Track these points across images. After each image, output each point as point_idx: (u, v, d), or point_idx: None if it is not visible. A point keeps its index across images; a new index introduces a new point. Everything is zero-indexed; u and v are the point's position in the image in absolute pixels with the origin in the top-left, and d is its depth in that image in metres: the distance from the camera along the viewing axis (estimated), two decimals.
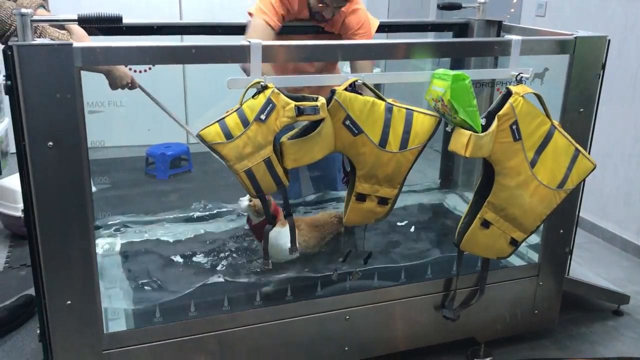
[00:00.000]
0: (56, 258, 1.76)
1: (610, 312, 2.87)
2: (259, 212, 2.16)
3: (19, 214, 3.36)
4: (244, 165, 1.78)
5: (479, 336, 2.45)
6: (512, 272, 2.44)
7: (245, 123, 1.76)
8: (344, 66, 2.99)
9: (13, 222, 3.45)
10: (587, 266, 3.25)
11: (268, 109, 1.76)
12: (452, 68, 2.29)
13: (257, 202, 2.13)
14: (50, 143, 1.65)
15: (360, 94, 1.91)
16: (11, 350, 2.10)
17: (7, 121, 4.60)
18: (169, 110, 2.45)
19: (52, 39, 1.71)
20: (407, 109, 1.96)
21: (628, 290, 2.93)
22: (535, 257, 2.48)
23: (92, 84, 1.96)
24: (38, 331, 1.89)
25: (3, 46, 1.71)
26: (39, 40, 1.62)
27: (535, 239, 2.47)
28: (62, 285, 1.79)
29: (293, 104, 1.76)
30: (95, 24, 1.65)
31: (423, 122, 1.98)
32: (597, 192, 3.67)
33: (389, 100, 1.95)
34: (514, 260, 2.51)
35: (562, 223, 2.41)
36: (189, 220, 2.64)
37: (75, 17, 1.66)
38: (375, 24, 2.61)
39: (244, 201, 2.18)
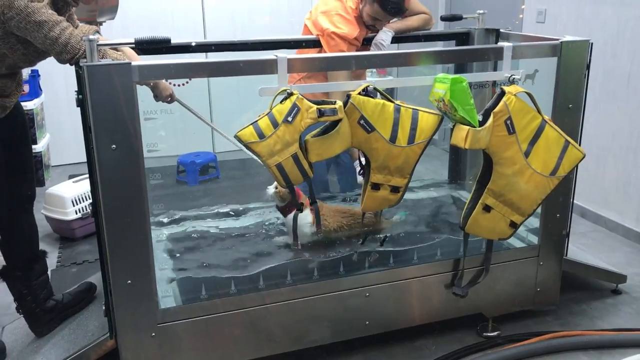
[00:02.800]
0: (119, 243, 2.08)
1: (609, 291, 3.12)
2: (283, 197, 2.52)
3: (67, 218, 3.72)
4: (275, 160, 2.10)
5: (486, 312, 2.72)
6: (515, 253, 2.71)
7: (275, 124, 2.08)
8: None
9: (62, 226, 3.79)
10: (590, 252, 3.50)
11: (294, 112, 2.08)
12: (455, 72, 2.60)
13: (281, 189, 2.46)
14: (114, 146, 1.98)
15: (373, 97, 2.22)
16: (77, 328, 2.43)
17: (48, 137, 5.01)
18: (208, 121, 2.76)
19: (112, 59, 2.04)
20: (413, 109, 2.26)
21: (628, 272, 3.17)
22: (535, 239, 2.75)
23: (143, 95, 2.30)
24: (103, 307, 2.22)
25: (73, 66, 2.04)
26: (103, 61, 1.96)
27: (534, 222, 2.75)
28: (124, 267, 2.11)
29: (315, 107, 2.08)
30: (149, 46, 1.98)
31: (427, 120, 2.28)
32: (599, 184, 3.92)
33: (397, 102, 2.26)
34: (516, 243, 2.79)
35: (558, 208, 2.68)
36: (224, 215, 2.97)
37: (132, 41, 1.99)
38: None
39: (271, 189, 2.52)
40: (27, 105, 4.58)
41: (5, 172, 2.27)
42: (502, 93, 2.31)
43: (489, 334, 2.72)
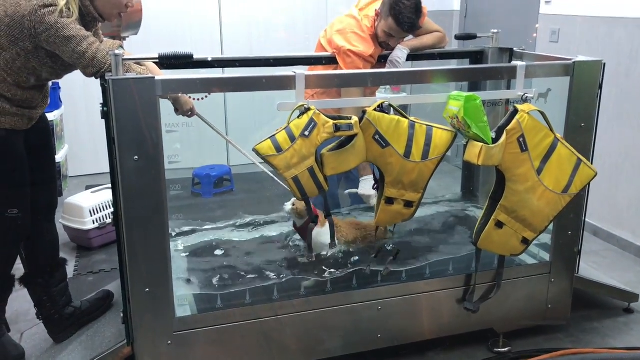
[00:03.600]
0: (138, 252, 2.14)
1: (621, 310, 3.12)
2: (300, 214, 2.54)
3: (85, 227, 3.79)
4: (291, 173, 2.16)
5: (497, 327, 2.74)
6: (526, 270, 2.74)
7: (292, 138, 2.14)
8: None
9: (79, 235, 3.86)
10: (602, 270, 3.50)
11: (311, 126, 2.13)
12: (469, 90, 2.65)
13: (299, 205, 2.50)
14: (136, 157, 2.04)
15: (388, 113, 2.27)
16: (94, 335, 2.48)
17: (67, 148, 5.11)
18: (226, 136, 2.83)
19: (136, 74, 2.11)
20: (427, 125, 2.31)
21: None
22: (546, 256, 2.78)
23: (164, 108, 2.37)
24: (121, 315, 2.27)
25: (93, 79, 2.12)
26: (128, 75, 2.03)
27: (546, 239, 2.78)
28: (143, 275, 2.16)
29: (331, 122, 2.13)
30: (172, 62, 2.05)
31: (441, 136, 2.32)
32: (612, 203, 3.94)
33: (412, 118, 2.31)
34: (528, 259, 2.81)
35: (570, 225, 2.70)
36: (240, 227, 3.02)
37: (156, 56, 2.06)
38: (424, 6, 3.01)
39: (288, 205, 2.56)
40: (48, 116, 4.64)
41: (29, 181, 2.34)
42: (515, 111, 2.36)
43: (499, 350, 2.74)
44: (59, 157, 4.80)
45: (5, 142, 2.23)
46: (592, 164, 2.60)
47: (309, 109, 2.14)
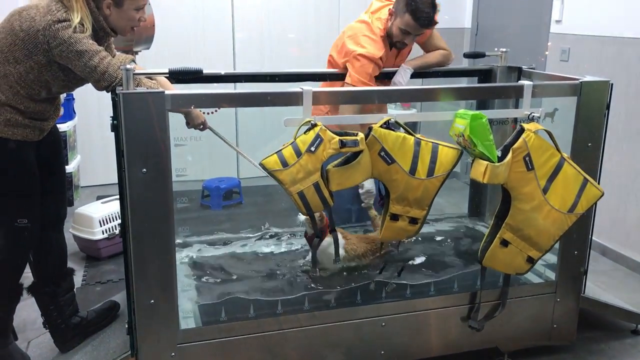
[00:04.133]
0: (144, 264, 2.16)
1: (628, 331, 3.10)
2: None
3: (94, 237, 3.83)
4: (297, 188, 2.18)
5: (502, 346, 2.73)
6: (531, 289, 2.73)
7: (298, 154, 2.16)
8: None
9: (88, 245, 3.90)
10: (609, 291, 3.47)
11: (317, 142, 2.15)
12: (477, 108, 2.66)
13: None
14: (144, 170, 2.07)
15: (394, 130, 2.29)
16: (99, 345, 2.50)
17: (79, 158, 5.17)
18: (239, 149, 2.85)
19: (147, 88, 2.15)
20: (433, 142, 2.33)
21: None
22: (552, 275, 2.77)
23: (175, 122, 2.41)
24: (126, 325, 2.29)
25: (107, 92, 2.16)
26: (138, 89, 2.06)
27: (552, 258, 2.77)
28: (148, 287, 2.18)
29: (337, 138, 2.15)
30: (182, 77, 2.08)
31: (447, 153, 2.34)
32: (620, 223, 3.91)
33: (418, 136, 2.32)
34: (533, 278, 2.80)
35: (576, 245, 2.70)
36: (247, 239, 3.05)
37: (167, 71, 2.10)
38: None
39: (302, 215, 2.57)
40: (61, 127, 4.73)
41: (39, 191, 2.38)
42: (522, 130, 2.37)
43: None
44: (71, 167, 4.88)
45: (16, 153, 2.27)
46: (599, 183, 2.60)
47: (315, 125, 2.17)
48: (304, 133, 2.19)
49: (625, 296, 3.44)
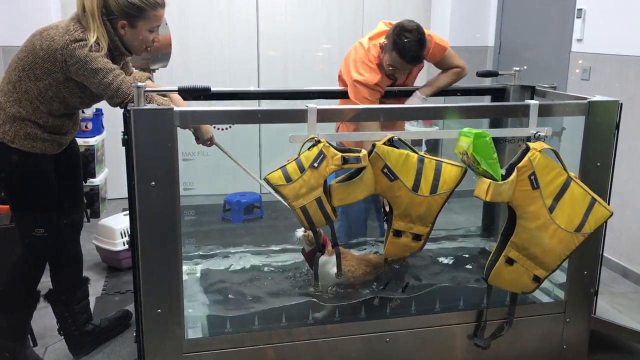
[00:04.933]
0: (151, 274, 2.24)
1: None
2: (311, 241, 2.59)
3: (116, 249, 3.94)
4: (299, 203, 2.23)
5: None
6: (540, 308, 2.71)
7: (302, 169, 2.22)
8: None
9: (110, 256, 4.01)
10: (628, 313, 3.41)
11: (320, 158, 2.21)
12: (491, 127, 2.67)
13: (310, 232, 2.56)
14: (153, 183, 2.16)
15: (397, 147, 2.33)
16: (111, 353, 2.58)
17: (107, 171, 5.33)
18: (243, 165, 2.92)
19: (158, 104, 2.24)
20: (437, 160, 2.36)
21: None
22: (561, 294, 2.75)
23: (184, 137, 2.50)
24: (134, 334, 2.36)
25: (122, 110, 2.25)
26: (149, 106, 2.15)
27: (561, 277, 2.75)
28: (155, 296, 2.25)
29: (340, 154, 2.20)
30: (190, 94, 2.17)
31: (451, 171, 2.36)
32: None
33: (421, 153, 2.36)
34: (542, 297, 2.79)
35: (586, 265, 2.68)
36: (260, 253, 3.11)
37: (176, 88, 2.19)
38: (445, 41, 3.08)
39: (299, 232, 2.62)
40: (89, 141, 4.92)
41: (57, 203, 2.49)
42: (527, 149, 2.38)
43: None
44: (98, 180, 5.03)
45: (36, 166, 2.38)
46: (609, 203, 2.58)
47: (319, 142, 2.22)
48: (308, 149, 2.24)
49: None
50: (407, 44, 2.78)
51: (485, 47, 5.56)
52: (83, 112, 4.92)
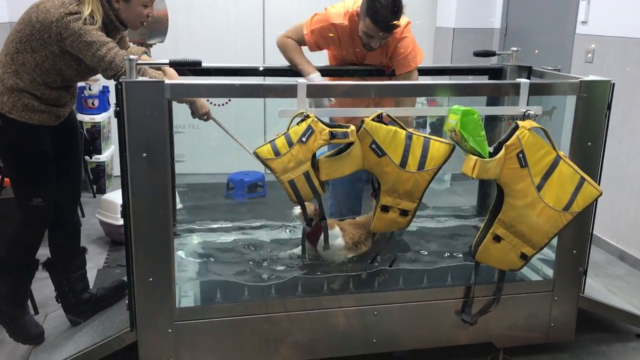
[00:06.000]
0: (143, 243, 2.30)
1: (634, 335, 3.06)
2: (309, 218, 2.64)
3: (118, 223, 4.01)
4: (287, 177, 2.27)
5: (496, 342, 2.75)
6: (528, 286, 2.74)
7: (290, 144, 2.25)
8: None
9: (113, 230, 4.08)
10: (622, 295, 3.43)
11: (308, 133, 2.24)
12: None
13: (307, 209, 2.60)
14: (145, 154, 2.21)
15: (386, 124, 2.35)
16: (106, 320, 2.66)
17: (113, 148, 5.40)
18: (240, 141, 2.95)
19: (150, 78, 2.28)
20: (424, 137, 2.38)
21: None
22: (550, 273, 2.77)
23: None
24: (126, 301, 2.43)
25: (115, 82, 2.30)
26: (140, 78, 2.20)
27: (550, 255, 2.77)
28: (146, 265, 2.32)
29: (328, 129, 2.24)
30: (181, 67, 2.21)
31: (439, 148, 2.38)
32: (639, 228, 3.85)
33: (410, 130, 2.38)
34: (531, 275, 2.81)
35: (574, 244, 2.69)
36: (255, 228, 3.17)
37: (167, 61, 2.23)
38: (421, 54, 2.99)
39: (297, 209, 2.66)
40: (96, 118, 4.99)
41: (55, 173, 2.55)
42: (516, 127, 2.39)
43: None
44: (104, 157, 5.11)
45: (33, 137, 2.44)
46: (599, 183, 2.60)
47: (308, 117, 2.26)
48: (297, 124, 2.28)
49: (638, 300, 3.39)
50: (380, 9, 2.69)
51: (492, 29, 5.53)
52: (90, 88, 5.00)
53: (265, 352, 2.53)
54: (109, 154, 5.30)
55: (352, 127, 2.27)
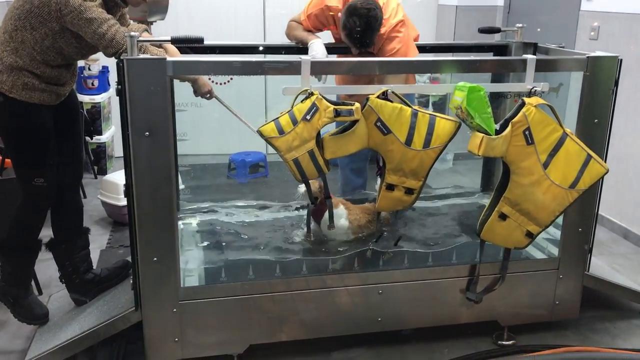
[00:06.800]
0: (147, 222, 2.28)
1: (637, 312, 3.07)
2: (313, 195, 2.61)
3: (119, 203, 4.00)
4: (292, 155, 2.25)
5: (501, 320, 2.75)
6: (533, 264, 2.73)
7: (294, 122, 2.23)
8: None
9: (115, 211, 4.07)
10: (626, 273, 3.43)
11: (313, 111, 2.22)
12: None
13: (312, 187, 2.58)
14: (147, 133, 2.18)
15: (391, 101, 2.32)
16: (110, 300, 2.65)
17: (114, 129, 5.36)
18: (244, 119, 2.93)
19: (151, 55, 2.25)
20: (430, 114, 2.35)
21: None
22: (555, 251, 2.76)
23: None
24: (131, 281, 2.42)
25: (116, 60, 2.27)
26: (142, 56, 2.16)
27: (556, 233, 2.76)
28: (151, 245, 2.30)
29: (332, 107, 2.21)
30: (184, 44, 2.17)
31: (444, 126, 2.36)
32: None
33: (415, 107, 2.35)
34: (536, 253, 2.81)
35: (580, 222, 2.68)
36: (260, 208, 3.17)
37: (169, 38, 2.19)
38: (413, 53, 2.91)
39: (302, 188, 2.64)
40: (96, 98, 4.95)
41: (56, 153, 2.52)
42: (523, 104, 2.37)
43: (503, 343, 2.75)
44: (105, 138, 5.08)
45: (34, 116, 2.41)
46: (605, 161, 2.57)
47: (312, 94, 2.23)
48: (301, 102, 2.25)
49: None
50: (353, 30, 2.70)
51: (495, 6, 5.47)
52: (89, 69, 4.95)
53: (270, 331, 2.53)
54: (110, 134, 5.27)
55: (357, 105, 2.24)
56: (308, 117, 2.21)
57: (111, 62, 4.51)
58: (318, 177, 2.34)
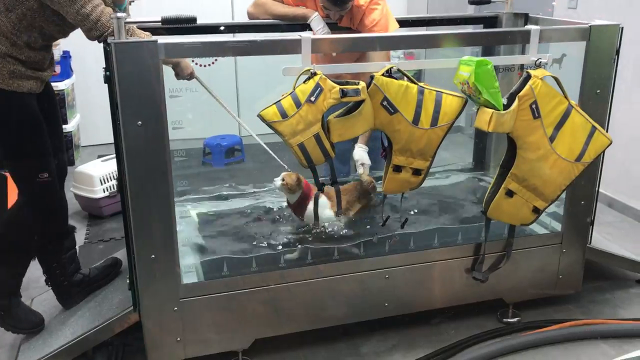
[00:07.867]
0: (143, 218, 2.13)
1: (634, 281, 3.08)
2: (290, 189, 2.50)
3: (95, 196, 3.81)
4: (297, 140, 2.12)
5: (507, 297, 2.71)
6: (537, 240, 2.69)
7: (298, 104, 2.10)
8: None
9: (90, 203, 3.88)
10: (616, 242, 3.44)
11: (317, 92, 2.09)
12: (483, 56, 2.57)
13: (289, 180, 2.49)
14: (140, 122, 2.02)
15: (396, 79, 2.22)
16: (103, 301, 2.49)
17: (78, 117, 5.11)
18: (222, 101, 2.78)
19: (139, 38, 2.07)
20: (437, 91, 2.26)
21: None
22: (558, 226, 2.73)
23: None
24: (127, 281, 2.27)
25: (102, 44, 2.08)
26: (131, 38, 1.99)
27: (558, 209, 2.73)
28: (148, 242, 2.15)
29: (338, 87, 2.09)
30: (176, 25, 2.01)
31: (451, 102, 2.27)
32: (628, 174, 3.86)
33: (421, 84, 2.25)
34: (539, 229, 2.77)
35: (582, 195, 2.65)
36: (248, 195, 3.03)
37: (159, 19, 2.02)
38: (393, 26, 2.78)
39: (277, 181, 2.52)
40: (59, 85, 4.67)
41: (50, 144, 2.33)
42: (528, 77, 2.29)
43: (509, 320, 2.72)
44: (70, 127, 4.82)
45: (26, 107, 2.21)
46: (607, 131, 2.54)
47: (315, 74, 2.10)
48: (304, 82, 2.12)
49: (631, 247, 3.41)
50: None
51: None
52: None
53: (276, 324, 2.42)
54: (75, 123, 5.01)
55: (363, 84, 2.13)
56: (312, 98, 2.08)
57: (72, 47, 4.28)
58: (324, 162, 2.21)
